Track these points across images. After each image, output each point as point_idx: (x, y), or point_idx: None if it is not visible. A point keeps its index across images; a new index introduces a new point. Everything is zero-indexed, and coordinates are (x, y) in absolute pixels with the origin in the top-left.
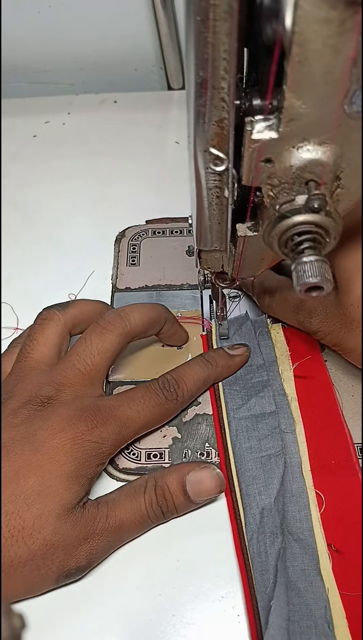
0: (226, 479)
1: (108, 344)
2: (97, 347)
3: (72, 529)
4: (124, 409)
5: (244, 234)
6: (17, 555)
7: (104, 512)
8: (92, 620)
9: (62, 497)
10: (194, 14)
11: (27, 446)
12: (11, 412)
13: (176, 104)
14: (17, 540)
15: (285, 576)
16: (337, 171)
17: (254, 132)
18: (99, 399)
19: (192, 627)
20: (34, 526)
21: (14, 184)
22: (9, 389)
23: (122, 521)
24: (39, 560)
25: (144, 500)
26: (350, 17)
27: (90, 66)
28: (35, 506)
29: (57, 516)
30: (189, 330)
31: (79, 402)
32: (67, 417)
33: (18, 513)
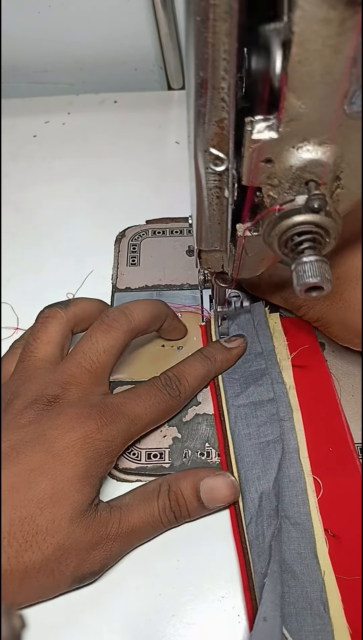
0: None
1: (114, 341)
2: (103, 344)
3: (85, 532)
4: (131, 406)
5: (244, 234)
6: (31, 561)
7: (117, 517)
8: (92, 620)
9: (75, 499)
10: (194, 14)
11: (37, 447)
12: (18, 413)
13: (176, 104)
14: (31, 546)
15: (280, 555)
16: (336, 171)
17: (254, 132)
18: (106, 396)
19: (192, 627)
20: (47, 530)
21: (14, 184)
22: (13, 389)
23: (135, 526)
24: (53, 565)
25: (158, 505)
26: (350, 17)
27: (90, 66)
28: (48, 510)
29: (70, 520)
30: (189, 330)
31: (87, 400)
32: (75, 415)
33: (31, 518)
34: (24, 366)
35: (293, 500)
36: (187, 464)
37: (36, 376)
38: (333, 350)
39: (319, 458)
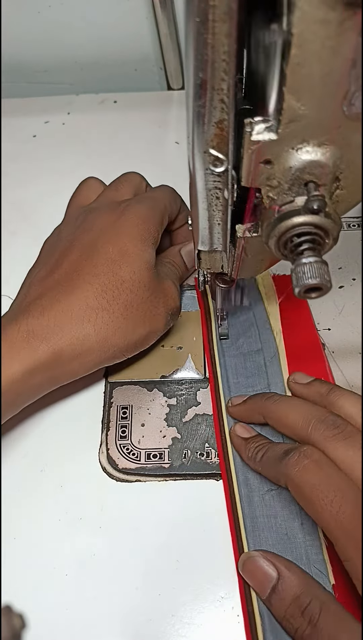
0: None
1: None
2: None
3: (160, 282)
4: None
5: (243, 235)
6: (128, 300)
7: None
8: (92, 620)
9: (143, 257)
10: (194, 15)
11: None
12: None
13: (175, 104)
14: (122, 291)
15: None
16: (336, 172)
17: (253, 134)
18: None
19: (192, 627)
20: (132, 279)
21: (14, 184)
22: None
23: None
24: (148, 302)
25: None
26: (349, 18)
27: (90, 66)
28: (126, 265)
29: (147, 269)
30: (189, 330)
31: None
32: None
33: (112, 272)
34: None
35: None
36: (187, 465)
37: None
38: (333, 351)
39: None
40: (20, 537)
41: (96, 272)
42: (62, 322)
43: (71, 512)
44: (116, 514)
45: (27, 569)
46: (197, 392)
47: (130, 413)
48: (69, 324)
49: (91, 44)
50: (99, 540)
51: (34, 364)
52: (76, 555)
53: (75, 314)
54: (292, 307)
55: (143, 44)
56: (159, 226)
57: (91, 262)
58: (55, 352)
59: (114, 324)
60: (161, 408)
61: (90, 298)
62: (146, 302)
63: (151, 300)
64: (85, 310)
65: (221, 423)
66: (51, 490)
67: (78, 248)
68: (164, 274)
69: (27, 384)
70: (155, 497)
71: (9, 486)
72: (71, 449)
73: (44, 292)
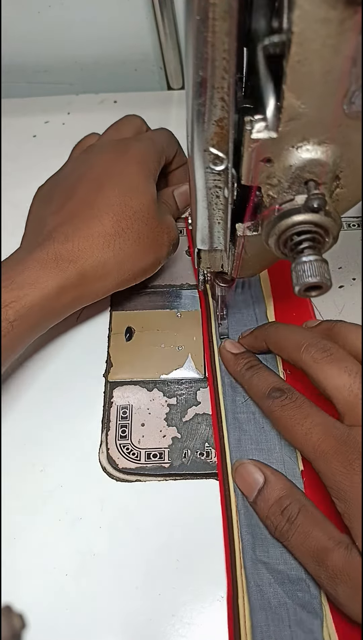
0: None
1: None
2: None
3: (162, 215)
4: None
5: (243, 233)
6: (140, 229)
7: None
8: (92, 620)
9: (149, 190)
10: (194, 14)
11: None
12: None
13: (176, 104)
14: (135, 221)
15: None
16: (336, 171)
17: (253, 132)
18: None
19: (192, 627)
20: (142, 210)
21: (13, 184)
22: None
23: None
24: (155, 231)
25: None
26: (350, 17)
27: (90, 66)
28: (136, 198)
29: (153, 202)
30: (189, 330)
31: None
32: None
33: (125, 203)
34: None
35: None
36: (187, 464)
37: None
38: None
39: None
40: (20, 537)
41: (109, 203)
42: (85, 247)
43: (71, 512)
44: (116, 514)
45: (27, 569)
46: (197, 392)
47: (130, 413)
48: (91, 249)
49: (91, 44)
50: (99, 540)
51: (64, 283)
52: (76, 555)
53: (95, 240)
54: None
55: (143, 44)
56: (158, 164)
57: (103, 194)
58: (81, 273)
59: (129, 249)
60: (161, 408)
61: (107, 226)
62: (153, 231)
63: (157, 230)
64: (104, 237)
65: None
66: (51, 490)
67: (87, 182)
68: (163, 209)
69: (59, 301)
70: (155, 497)
71: (9, 486)
72: (71, 449)
73: (63, 222)
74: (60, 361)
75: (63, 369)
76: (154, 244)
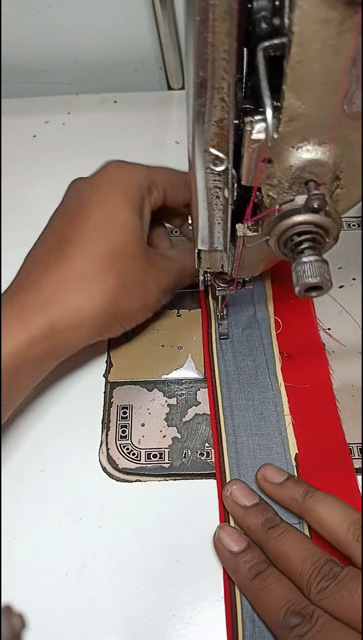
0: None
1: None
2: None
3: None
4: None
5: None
6: (121, 269)
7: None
8: (92, 620)
9: (132, 223)
10: (194, 14)
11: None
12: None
13: (176, 104)
14: (114, 258)
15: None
16: (336, 171)
17: (254, 132)
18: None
19: (192, 627)
20: (123, 246)
21: (14, 184)
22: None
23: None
24: (141, 274)
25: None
26: (350, 18)
27: (90, 66)
28: (115, 232)
29: (137, 238)
30: (189, 330)
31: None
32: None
33: (103, 238)
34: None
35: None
36: (187, 464)
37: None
38: (333, 351)
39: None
40: (20, 537)
41: (82, 239)
42: (54, 293)
43: (71, 512)
44: (116, 514)
45: (27, 569)
46: (197, 392)
47: (130, 413)
48: (62, 295)
49: (91, 44)
50: (99, 540)
51: (29, 336)
52: (76, 555)
53: (66, 284)
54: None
55: (143, 44)
56: (144, 194)
57: (75, 229)
58: (50, 323)
59: (108, 294)
60: (161, 408)
61: (80, 266)
62: (139, 272)
63: (144, 272)
64: (76, 278)
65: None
66: (51, 490)
67: (60, 218)
68: (160, 255)
69: (26, 357)
70: (155, 497)
71: (9, 486)
72: (71, 449)
73: (35, 265)
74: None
75: (63, 369)
76: (140, 287)
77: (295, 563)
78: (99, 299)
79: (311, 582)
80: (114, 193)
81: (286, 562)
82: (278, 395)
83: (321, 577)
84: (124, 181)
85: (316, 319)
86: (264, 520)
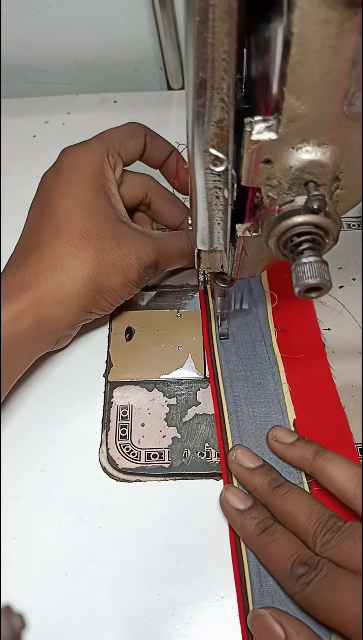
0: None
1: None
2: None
3: (130, 233)
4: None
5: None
6: (97, 247)
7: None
8: (92, 620)
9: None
10: (194, 14)
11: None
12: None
13: (176, 104)
14: (89, 239)
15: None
16: (336, 172)
17: (253, 133)
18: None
19: (192, 627)
20: (94, 228)
21: (14, 184)
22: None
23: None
24: (117, 250)
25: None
26: (350, 18)
27: (90, 66)
28: (84, 215)
29: (108, 219)
30: (189, 330)
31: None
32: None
33: (74, 222)
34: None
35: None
36: (187, 464)
37: None
38: (333, 350)
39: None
40: (20, 537)
41: (56, 224)
42: (37, 274)
43: (71, 512)
44: (116, 514)
45: (27, 569)
46: (197, 392)
47: (130, 413)
48: (44, 274)
49: (91, 44)
50: (99, 540)
51: (17, 309)
52: (76, 555)
53: (47, 265)
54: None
55: (143, 44)
56: (107, 170)
57: (49, 216)
58: (35, 299)
59: (88, 269)
60: (161, 408)
61: (58, 248)
62: (116, 249)
63: (121, 248)
64: (55, 259)
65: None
66: (51, 490)
67: (36, 209)
68: (138, 231)
69: (15, 329)
70: (155, 497)
71: (9, 486)
72: (71, 449)
73: (18, 255)
74: (60, 361)
75: (63, 369)
76: (118, 261)
77: (300, 519)
78: (78, 276)
79: (317, 536)
80: (74, 179)
81: (292, 519)
82: (275, 365)
83: (326, 530)
84: (80, 165)
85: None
86: (269, 480)
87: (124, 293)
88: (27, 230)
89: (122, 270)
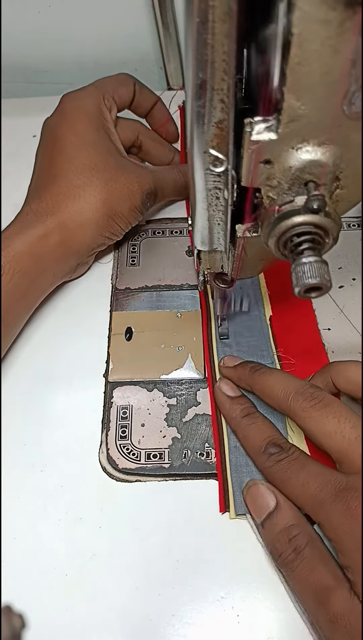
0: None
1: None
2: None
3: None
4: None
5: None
6: (106, 177)
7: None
8: (92, 620)
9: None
10: (194, 15)
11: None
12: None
13: (176, 104)
14: (96, 171)
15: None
16: (336, 172)
17: (253, 134)
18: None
19: (192, 627)
20: (99, 161)
21: (14, 184)
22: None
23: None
24: (123, 179)
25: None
26: (349, 18)
27: (90, 66)
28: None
29: (110, 152)
30: (190, 330)
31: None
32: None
33: (82, 157)
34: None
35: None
36: (187, 464)
37: None
38: (333, 351)
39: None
40: (20, 537)
41: (67, 159)
42: (58, 201)
43: (71, 512)
44: (116, 514)
45: (27, 569)
46: (197, 392)
47: (130, 413)
48: (64, 201)
49: (91, 44)
50: (99, 540)
51: (45, 229)
52: (76, 555)
53: (66, 193)
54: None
55: (143, 44)
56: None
57: (61, 151)
58: (60, 222)
59: (100, 196)
60: (161, 408)
61: (72, 179)
62: (120, 178)
63: (126, 178)
64: (72, 188)
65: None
66: (51, 490)
67: (45, 149)
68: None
69: (44, 246)
70: (155, 497)
71: (9, 486)
72: (71, 449)
73: (34, 187)
74: (60, 361)
75: (63, 369)
76: (124, 189)
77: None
78: (93, 201)
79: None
80: (78, 120)
81: (270, 392)
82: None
83: (304, 398)
84: (82, 107)
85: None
86: (251, 366)
87: (131, 218)
88: (40, 168)
89: (128, 196)
